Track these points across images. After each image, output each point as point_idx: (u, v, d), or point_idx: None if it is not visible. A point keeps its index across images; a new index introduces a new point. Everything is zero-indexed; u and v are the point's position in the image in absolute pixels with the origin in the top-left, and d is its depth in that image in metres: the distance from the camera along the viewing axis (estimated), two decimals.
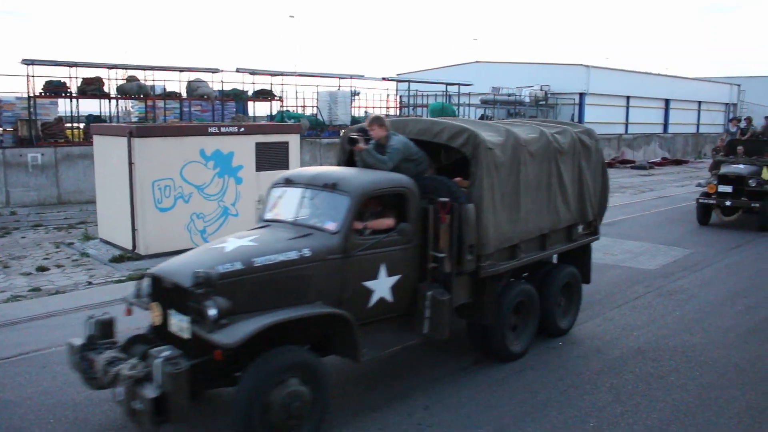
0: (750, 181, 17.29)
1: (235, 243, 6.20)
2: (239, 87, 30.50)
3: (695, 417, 6.84)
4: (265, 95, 31.14)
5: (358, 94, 37.40)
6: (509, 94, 44.41)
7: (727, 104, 62.30)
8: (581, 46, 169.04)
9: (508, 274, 7.93)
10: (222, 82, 30.11)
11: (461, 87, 40.99)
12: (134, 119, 28.48)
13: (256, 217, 12.33)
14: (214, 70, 29.01)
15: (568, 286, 9.09)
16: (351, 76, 35.44)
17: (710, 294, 11.45)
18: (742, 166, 17.92)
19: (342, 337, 6.22)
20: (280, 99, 32.01)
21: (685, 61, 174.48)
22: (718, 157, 19.56)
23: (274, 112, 31.39)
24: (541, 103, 45.03)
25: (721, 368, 8.14)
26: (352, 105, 35.55)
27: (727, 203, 17.54)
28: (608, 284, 11.89)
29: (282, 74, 32.05)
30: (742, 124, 21.89)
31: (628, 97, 49.91)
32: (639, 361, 8.29)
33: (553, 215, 8.32)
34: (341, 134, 8.43)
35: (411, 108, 42.89)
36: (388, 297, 6.68)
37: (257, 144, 15.24)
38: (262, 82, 31.85)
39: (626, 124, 49.95)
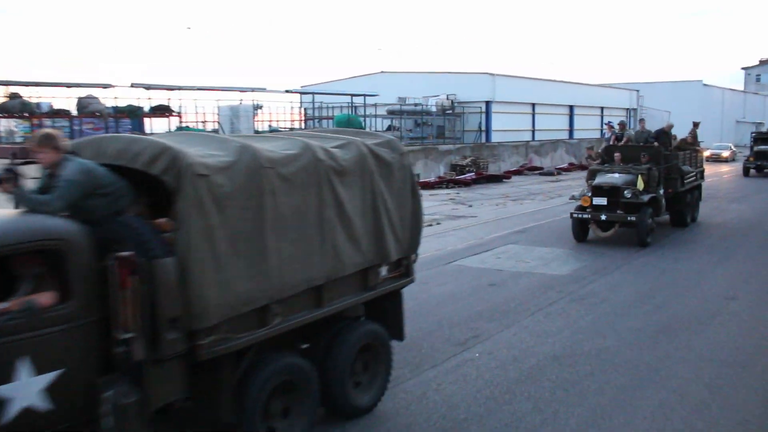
0: (625, 192, 16.16)
1: None
2: (134, 102, 29.70)
3: (611, 419, 7.08)
4: (162, 110, 30.49)
5: (261, 107, 37.17)
6: (416, 104, 45.11)
7: (627, 109, 65.39)
8: (487, 55, 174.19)
9: (255, 350, 5.83)
10: (116, 98, 29.27)
11: (367, 98, 41.35)
12: (18, 139, 27.24)
13: None
14: (106, 86, 28.18)
15: (369, 349, 7.04)
16: (253, 89, 35.17)
17: (620, 296, 11.95)
18: (617, 175, 16.76)
19: None
20: (179, 114, 31.37)
21: (588, 67, 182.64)
22: (594, 165, 18.39)
23: (173, 128, 30.71)
24: (447, 111, 45.96)
25: (633, 369, 8.48)
26: (255, 119, 35.24)
27: (603, 217, 16.27)
28: (522, 292, 12.21)
29: (180, 88, 31.46)
30: (617, 130, 20.71)
31: (533, 104, 51.65)
32: (555, 368, 8.52)
33: (332, 259, 6.31)
34: None
35: (316, 120, 42.94)
36: (41, 404, 4.61)
37: None
38: (159, 97, 31.17)
39: (533, 131, 51.64)
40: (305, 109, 44.69)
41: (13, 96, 25.88)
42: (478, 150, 40.75)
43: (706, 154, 35.26)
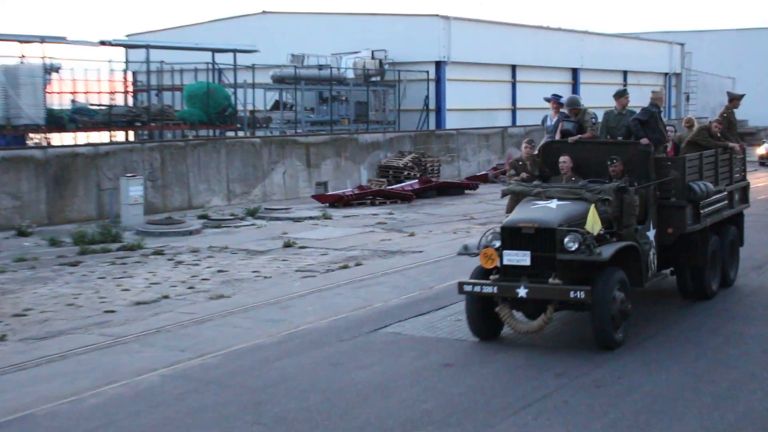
0: (566, 239, 13.42)
1: None
2: None
3: None
4: None
5: (59, 69, 36.60)
6: (320, 66, 45.22)
7: (666, 74, 67.08)
8: None
9: None
10: None
11: (239, 54, 41.19)
12: None
13: None
14: None
15: None
16: (44, 39, 34.58)
17: (660, 380, 12.14)
18: (553, 204, 14.29)
19: None
20: None
21: (600, 10, 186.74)
22: (511, 183, 16.14)
23: None
24: (374, 79, 46.20)
25: None
26: (48, 89, 34.64)
27: (521, 292, 13.42)
28: (498, 375, 12.25)
29: None
30: (594, 120, 17.23)
31: (513, 67, 52.50)
32: None
33: None
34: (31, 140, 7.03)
35: (154, 93, 42.46)
36: None
37: None
38: None
39: (513, 111, 52.48)
40: (134, 73, 44.24)
41: None
42: (423, 142, 41.11)
43: (761, 151, 34.57)
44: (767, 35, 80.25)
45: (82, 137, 35.58)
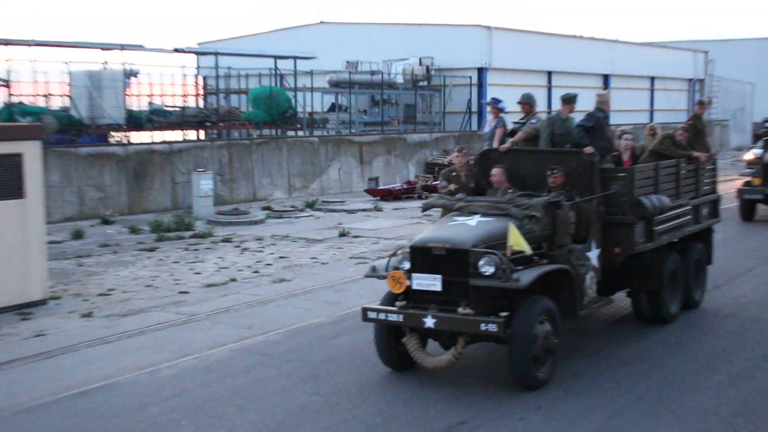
0: (480, 262, 10.84)
1: None
2: None
3: None
4: None
5: (137, 74, 36.89)
6: (373, 72, 45.29)
7: (690, 80, 66.47)
8: (479, 0, 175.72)
9: None
10: None
11: (299, 61, 41.37)
12: None
13: None
14: None
15: None
16: (124, 47, 34.91)
17: (679, 361, 12.17)
18: (473, 221, 11.80)
19: None
20: (6, 84, 31.05)
21: (630, 21, 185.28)
22: (440, 195, 13.46)
23: None
24: (421, 83, 46.23)
25: None
26: (128, 92, 34.99)
27: (428, 322, 10.96)
28: None
29: (8, 43, 31.12)
30: (533, 122, 14.40)
31: (549, 73, 52.26)
32: None
33: None
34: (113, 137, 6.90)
35: (222, 96, 42.74)
36: None
37: None
38: None
39: (548, 114, 52.25)
40: (205, 78, 44.51)
41: None
42: (466, 141, 41.08)
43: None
44: None
45: (158, 136, 35.86)
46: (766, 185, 25.94)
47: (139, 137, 34.83)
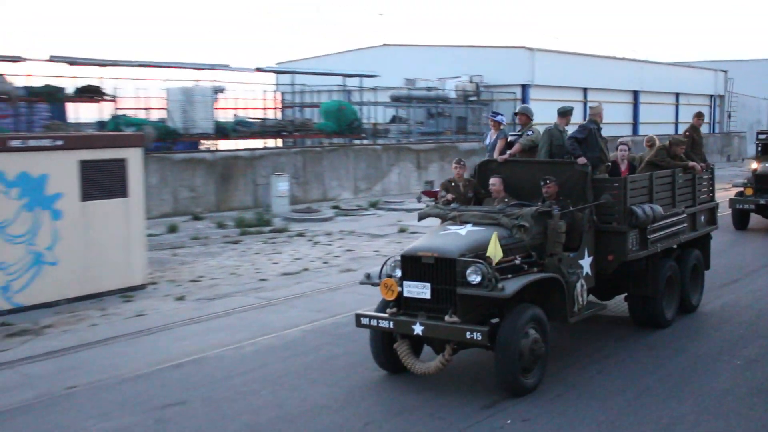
0: (468, 271, 10.05)
1: None
2: (54, 82, 29.81)
3: None
4: (91, 93, 30.52)
5: (224, 90, 37.28)
6: (429, 88, 45.29)
7: (712, 96, 65.58)
8: (523, 24, 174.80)
9: None
10: (29, 75, 29.39)
11: (364, 79, 41.50)
12: None
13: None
14: (16, 59, 28.27)
15: None
16: (213, 67, 35.32)
17: (702, 347, 12.05)
18: (462, 231, 10.97)
19: None
20: (113, 99, 31.48)
21: (657, 42, 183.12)
22: (438, 204, 12.69)
23: (106, 117, 30.81)
24: (471, 98, 46.14)
25: None
26: (216, 105, 35.36)
27: (417, 330, 10.29)
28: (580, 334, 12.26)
29: (115, 64, 31.56)
30: (529, 133, 13.73)
31: (585, 89, 51.88)
32: None
33: None
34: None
35: (297, 109, 43.04)
36: None
37: (82, 162, 14.99)
38: (86, 76, 31.26)
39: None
40: (282, 93, 44.83)
41: None
42: None
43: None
44: None
45: (242, 144, 36.19)
46: (758, 195, 23.73)
47: (225, 145, 35.15)
